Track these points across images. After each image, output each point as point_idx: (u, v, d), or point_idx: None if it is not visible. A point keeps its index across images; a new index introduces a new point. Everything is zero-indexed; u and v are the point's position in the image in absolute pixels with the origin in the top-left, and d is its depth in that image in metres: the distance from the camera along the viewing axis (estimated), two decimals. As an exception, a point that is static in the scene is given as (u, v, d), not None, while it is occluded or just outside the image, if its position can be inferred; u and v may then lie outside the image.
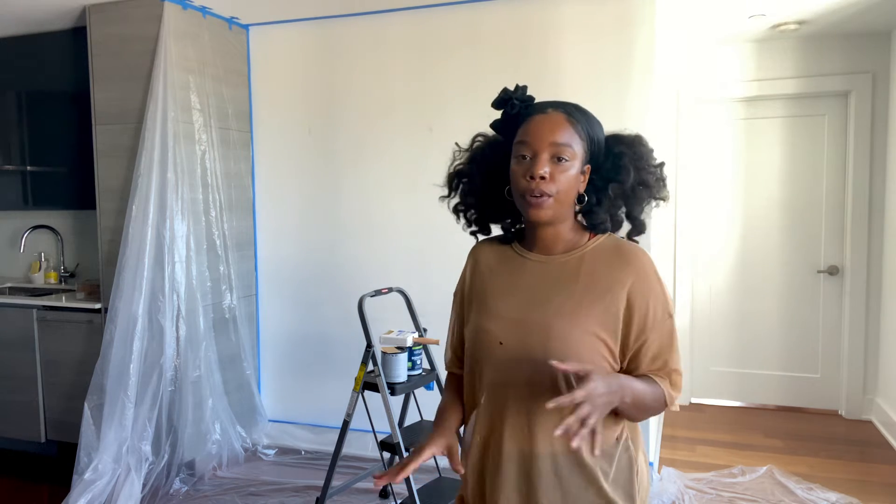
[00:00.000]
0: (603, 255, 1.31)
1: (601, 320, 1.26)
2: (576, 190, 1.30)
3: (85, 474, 3.09)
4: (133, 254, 3.21)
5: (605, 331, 1.26)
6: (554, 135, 1.26)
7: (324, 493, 2.95)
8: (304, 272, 3.91)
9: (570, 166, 1.27)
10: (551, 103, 1.33)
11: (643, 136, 1.38)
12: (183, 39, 3.41)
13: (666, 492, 3.23)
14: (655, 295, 1.28)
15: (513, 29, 3.39)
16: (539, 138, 1.27)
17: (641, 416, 1.29)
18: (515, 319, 1.31)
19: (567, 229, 1.34)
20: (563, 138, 1.26)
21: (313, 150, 3.84)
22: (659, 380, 1.28)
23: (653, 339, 1.27)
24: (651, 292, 1.27)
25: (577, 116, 1.30)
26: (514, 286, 1.35)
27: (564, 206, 1.29)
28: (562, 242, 1.34)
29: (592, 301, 1.27)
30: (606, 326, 1.26)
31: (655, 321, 1.27)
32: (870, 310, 4.24)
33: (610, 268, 1.29)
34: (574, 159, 1.27)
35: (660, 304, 1.28)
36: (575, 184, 1.29)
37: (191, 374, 3.38)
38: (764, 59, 4.27)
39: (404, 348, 2.83)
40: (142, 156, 3.24)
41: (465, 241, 1.65)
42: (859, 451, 3.79)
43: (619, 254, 1.31)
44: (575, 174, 1.28)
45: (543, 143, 1.26)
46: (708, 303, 4.57)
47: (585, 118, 1.32)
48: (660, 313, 1.27)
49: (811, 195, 4.35)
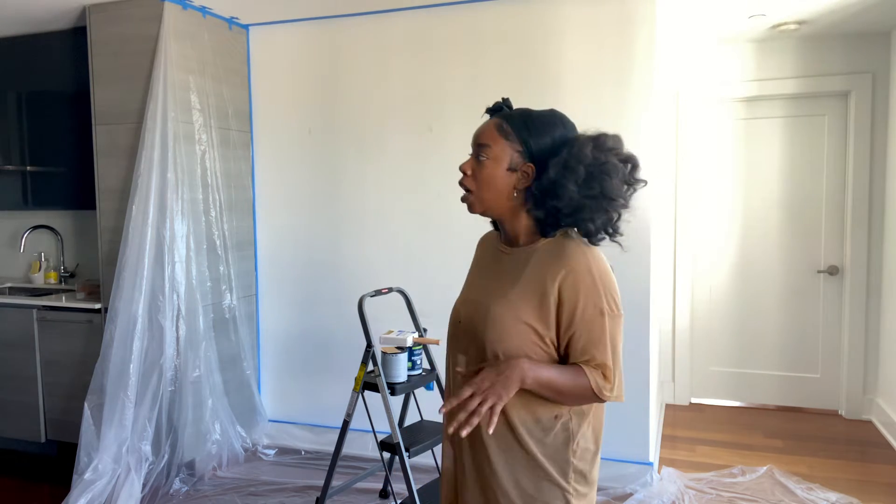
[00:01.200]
0: (548, 251, 1.42)
1: (533, 309, 1.38)
2: (502, 188, 1.42)
3: (85, 474, 3.09)
4: (133, 254, 3.21)
5: (536, 319, 1.38)
6: (480, 137, 1.44)
7: (324, 493, 2.95)
8: (304, 272, 3.91)
9: (487, 164, 1.42)
10: (501, 111, 1.48)
11: (610, 136, 1.41)
12: (183, 39, 3.41)
13: (666, 492, 3.23)
14: (587, 291, 1.36)
15: (513, 29, 3.39)
16: (473, 140, 1.46)
17: (567, 400, 1.39)
18: (473, 301, 1.49)
19: (521, 225, 1.46)
20: (484, 139, 1.43)
21: (313, 151, 3.84)
22: (589, 370, 1.36)
23: (580, 333, 1.37)
24: (582, 288, 1.36)
25: (512, 123, 1.42)
26: (485, 272, 1.53)
27: (488, 201, 1.44)
28: (522, 236, 1.47)
29: (528, 291, 1.39)
30: (538, 316, 1.38)
31: (584, 316, 1.36)
32: (870, 310, 4.24)
33: (548, 263, 1.39)
34: (494, 159, 1.41)
35: (591, 301, 1.36)
36: (497, 182, 1.42)
37: (191, 374, 3.38)
38: (764, 59, 4.27)
39: (404, 348, 2.83)
40: (142, 156, 3.24)
41: (465, 242, 1.68)
42: (859, 451, 3.79)
43: (559, 250, 1.40)
44: (496, 173, 1.41)
45: (473, 144, 1.46)
46: (708, 303, 4.58)
47: (524, 124, 1.42)
48: (590, 309, 1.36)
49: (811, 195, 4.35)
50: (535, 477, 1.42)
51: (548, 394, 1.37)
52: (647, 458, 3.35)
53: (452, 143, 3.48)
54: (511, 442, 1.42)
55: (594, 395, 1.36)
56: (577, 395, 1.37)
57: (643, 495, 3.21)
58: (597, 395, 1.36)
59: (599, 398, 1.37)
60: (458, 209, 3.45)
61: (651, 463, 3.36)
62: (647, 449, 3.35)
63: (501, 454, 1.43)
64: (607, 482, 3.29)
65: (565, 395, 1.37)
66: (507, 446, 1.43)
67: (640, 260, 3.26)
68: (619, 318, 1.40)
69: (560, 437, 1.42)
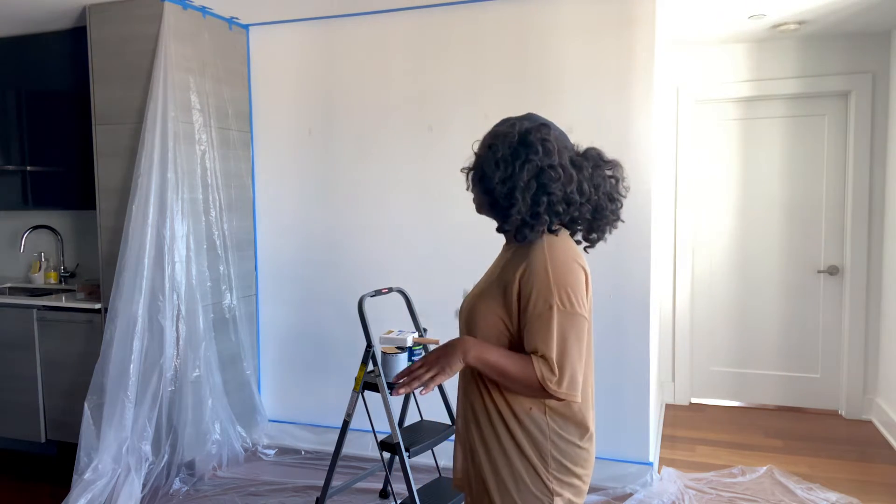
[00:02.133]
0: (520, 250, 1.53)
1: (501, 301, 1.50)
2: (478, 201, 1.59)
3: (85, 474, 3.09)
4: (133, 254, 3.21)
5: (503, 311, 1.50)
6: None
7: (324, 493, 2.95)
8: (304, 272, 3.91)
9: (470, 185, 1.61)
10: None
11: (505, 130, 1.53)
12: (183, 39, 3.41)
13: (666, 492, 3.23)
14: (539, 287, 1.45)
15: (513, 29, 3.39)
16: None
17: (514, 386, 1.48)
18: (469, 295, 1.63)
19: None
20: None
21: (313, 150, 3.84)
22: (536, 360, 1.44)
23: (531, 325, 1.45)
24: (535, 284, 1.45)
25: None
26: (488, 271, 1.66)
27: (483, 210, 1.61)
28: (511, 238, 1.58)
29: (499, 286, 1.52)
30: (504, 307, 1.50)
31: (535, 309, 1.45)
32: (870, 310, 4.24)
33: (516, 260, 1.52)
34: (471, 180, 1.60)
35: (541, 296, 1.44)
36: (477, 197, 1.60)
37: (190, 374, 3.38)
38: (764, 59, 4.27)
39: (404, 348, 2.83)
40: (142, 156, 3.24)
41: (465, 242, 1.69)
42: (859, 451, 3.79)
43: (526, 248, 1.51)
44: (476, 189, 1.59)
45: None
46: (708, 302, 4.57)
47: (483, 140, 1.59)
48: (539, 304, 1.44)
49: (811, 195, 4.35)
50: (521, 460, 1.52)
51: (494, 376, 1.48)
52: (647, 458, 3.35)
53: (452, 143, 3.48)
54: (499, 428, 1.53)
55: (540, 385, 1.42)
56: (524, 382, 1.45)
57: (643, 495, 3.21)
58: (543, 387, 1.42)
59: (545, 390, 1.42)
60: (457, 209, 3.46)
61: (651, 463, 3.36)
62: (647, 449, 3.35)
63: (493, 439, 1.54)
64: (607, 482, 3.29)
65: (512, 380, 1.46)
66: (494, 431, 1.54)
67: (640, 260, 3.27)
68: (574, 315, 1.44)
69: (534, 426, 1.50)
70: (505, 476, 1.51)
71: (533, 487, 1.50)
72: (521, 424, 1.51)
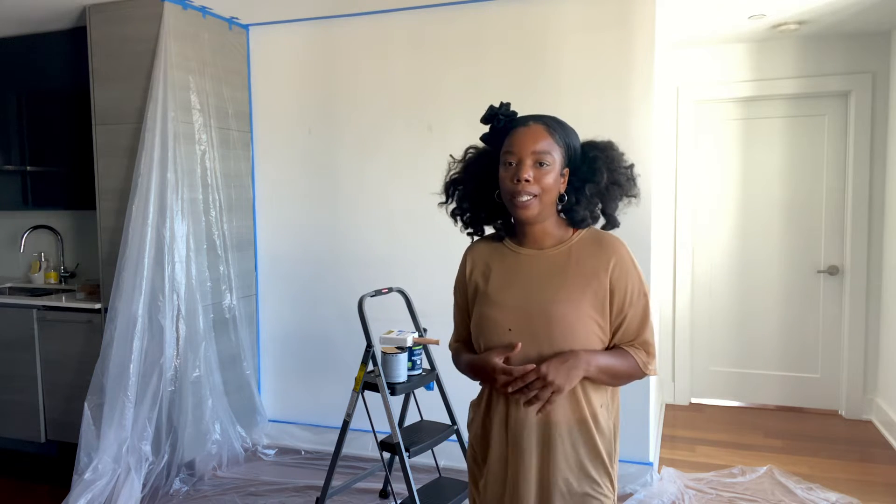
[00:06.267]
0: (587, 246, 1.53)
1: (592, 302, 1.48)
2: (556, 191, 1.50)
3: (85, 474, 3.09)
4: (133, 254, 3.21)
5: (595, 311, 1.48)
6: (535, 144, 1.48)
7: (324, 493, 2.95)
8: (304, 272, 3.91)
9: (549, 170, 1.48)
10: (532, 117, 1.53)
11: (614, 141, 1.59)
12: (183, 39, 3.41)
13: (666, 492, 3.23)
14: (632, 278, 1.51)
15: (513, 28, 3.39)
16: (523, 147, 1.48)
17: (619, 382, 1.52)
18: (519, 308, 1.51)
19: (552, 225, 1.55)
20: (542, 146, 1.48)
21: (313, 150, 3.84)
22: (633, 350, 1.51)
23: (631, 316, 1.50)
24: (628, 275, 1.50)
25: (554, 127, 1.51)
26: (512, 278, 1.56)
27: (547, 205, 1.50)
28: (549, 237, 1.55)
29: (583, 287, 1.49)
30: (596, 307, 1.48)
31: (632, 300, 1.50)
32: (870, 310, 4.24)
33: (594, 256, 1.51)
34: (553, 164, 1.48)
35: (636, 286, 1.51)
36: (555, 185, 1.49)
37: (190, 374, 3.38)
38: (764, 59, 4.27)
39: (404, 348, 2.83)
40: (142, 156, 3.24)
41: (465, 242, 1.69)
42: (859, 451, 3.79)
43: (600, 244, 1.53)
44: (555, 177, 1.49)
45: (526, 151, 1.48)
46: (708, 303, 4.57)
47: (562, 128, 1.53)
48: (636, 294, 1.51)
49: (811, 195, 4.35)
50: (594, 460, 1.52)
51: (605, 378, 1.49)
52: (647, 458, 3.35)
53: (452, 143, 3.46)
54: (584, 427, 1.51)
55: (641, 372, 1.51)
56: (629, 374, 1.51)
57: (643, 495, 3.21)
58: (642, 373, 1.51)
59: (643, 375, 1.52)
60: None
61: (651, 463, 3.36)
62: (647, 449, 3.35)
63: (569, 437, 1.51)
64: (607, 482, 3.28)
65: (620, 377, 1.51)
66: (576, 430, 1.51)
67: (640, 260, 3.24)
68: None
69: (609, 425, 1.55)
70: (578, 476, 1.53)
71: (609, 485, 1.56)
72: (597, 422, 1.52)
